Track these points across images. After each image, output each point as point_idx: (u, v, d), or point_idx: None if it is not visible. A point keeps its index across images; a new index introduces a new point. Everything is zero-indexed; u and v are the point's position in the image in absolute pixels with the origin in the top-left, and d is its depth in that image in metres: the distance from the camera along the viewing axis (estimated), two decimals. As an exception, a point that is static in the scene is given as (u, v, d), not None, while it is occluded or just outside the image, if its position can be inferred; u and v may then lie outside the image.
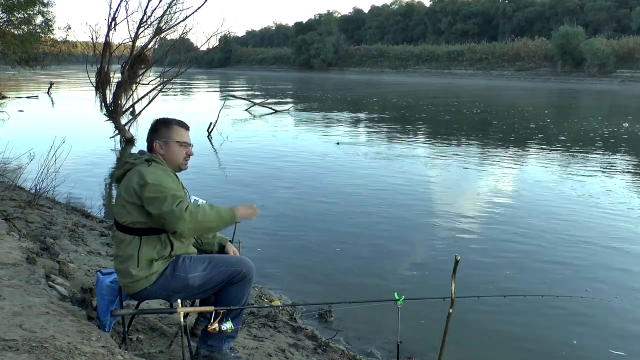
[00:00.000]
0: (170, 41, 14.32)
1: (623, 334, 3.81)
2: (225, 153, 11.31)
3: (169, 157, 2.56)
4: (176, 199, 2.32)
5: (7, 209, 5.08)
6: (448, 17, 72.19)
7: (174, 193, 2.34)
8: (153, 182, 2.35)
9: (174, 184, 2.43)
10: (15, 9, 14.55)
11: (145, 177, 2.36)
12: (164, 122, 2.62)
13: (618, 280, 4.71)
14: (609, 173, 9.32)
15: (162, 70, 13.17)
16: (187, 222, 2.28)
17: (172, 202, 2.30)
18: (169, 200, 2.31)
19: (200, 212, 2.32)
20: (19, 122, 15.52)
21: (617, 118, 18.99)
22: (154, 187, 2.34)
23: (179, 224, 2.28)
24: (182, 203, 2.32)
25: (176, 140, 2.56)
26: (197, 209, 2.33)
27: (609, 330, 3.84)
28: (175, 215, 2.27)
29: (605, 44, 49.15)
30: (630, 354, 3.54)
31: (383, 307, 2.89)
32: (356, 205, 7.07)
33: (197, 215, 2.30)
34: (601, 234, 5.91)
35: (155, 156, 2.53)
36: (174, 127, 2.59)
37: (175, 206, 2.28)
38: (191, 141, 2.66)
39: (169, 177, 2.45)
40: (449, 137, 14.17)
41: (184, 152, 2.59)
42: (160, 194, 2.33)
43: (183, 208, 2.28)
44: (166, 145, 2.55)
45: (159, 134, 2.57)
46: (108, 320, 2.60)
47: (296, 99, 28.01)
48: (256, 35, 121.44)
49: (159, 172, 2.43)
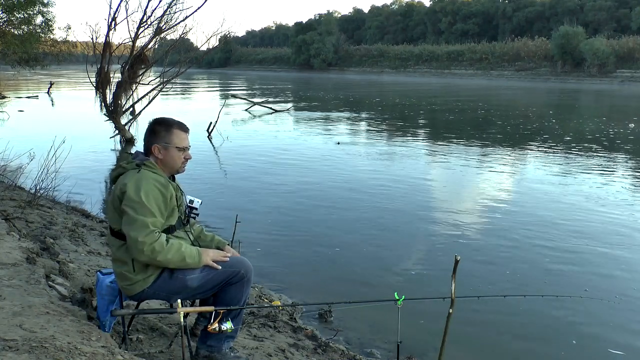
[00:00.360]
0: (170, 41, 14.33)
1: (623, 333, 3.80)
2: (225, 153, 11.32)
3: (168, 161, 2.49)
4: (146, 229, 2.27)
5: (7, 209, 5.08)
6: (448, 17, 72.16)
7: (148, 220, 2.28)
8: (134, 197, 2.29)
9: (157, 203, 2.34)
10: (15, 9, 14.54)
11: (128, 187, 2.31)
12: (163, 123, 2.51)
13: (618, 280, 4.71)
14: (611, 174, 9.32)
15: (162, 70, 13.17)
16: (144, 256, 2.29)
17: (141, 231, 2.26)
18: (137, 226, 2.27)
19: (163, 253, 2.29)
20: (19, 122, 15.52)
21: (622, 118, 18.96)
22: (132, 203, 2.29)
23: (136, 255, 2.31)
24: (150, 236, 2.27)
25: (176, 146, 2.48)
26: (162, 249, 2.29)
27: (609, 330, 3.84)
28: (136, 246, 2.27)
29: (605, 44, 49.13)
30: (629, 353, 3.54)
31: (383, 307, 2.89)
32: (356, 205, 7.07)
33: (157, 255, 2.29)
34: (601, 234, 5.91)
35: (147, 160, 2.46)
36: (174, 130, 2.49)
37: (141, 236, 2.26)
38: (190, 143, 2.58)
39: (155, 190, 2.35)
40: (449, 137, 14.17)
41: (182, 157, 2.52)
42: (135, 213, 2.27)
43: (147, 242, 2.26)
44: (165, 150, 2.47)
45: (158, 137, 2.48)
46: (108, 320, 2.60)
47: (296, 99, 28.02)
48: (256, 35, 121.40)
49: (148, 182, 2.34)
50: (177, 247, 2.35)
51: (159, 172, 2.45)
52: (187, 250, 2.38)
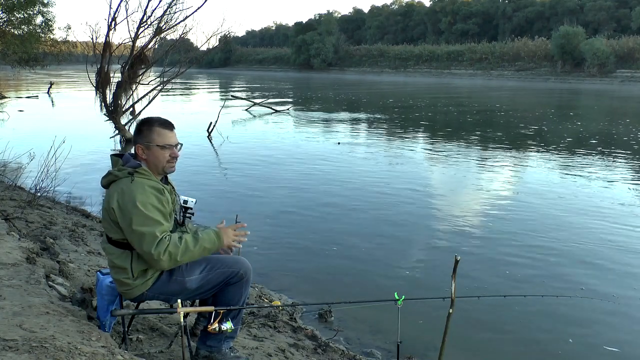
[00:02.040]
0: (170, 41, 14.33)
1: (622, 332, 3.81)
2: (225, 153, 11.32)
3: (152, 161, 2.41)
4: (155, 239, 2.24)
5: (7, 209, 5.08)
6: (448, 17, 72.14)
7: (154, 230, 2.24)
8: (133, 210, 2.24)
9: (157, 209, 2.30)
10: (15, 9, 14.55)
11: (125, 201, 2.26)
12: (146, 123, 2.44)
13: (618, 279, 4.71)
14: (611, 174, 9.31)
15: (162, 70, 13.17)
16: (164, 264, 2.28)
17: (152, 243, 2.23)
18: (147, 240, 2.24)
19: (180, 252, 2.27)
20: (19, 122, 15.52)
21: (622, 118, 18.95)
22: (134, 217, 2.24)
23: (157, 265, 2.30)
24: (161, 244, 2.24)
25: (157, 144, 2.39)
26: (177, 249, 2.26)
27: (609, 330, 3.84)
28: (153, 259, 2.25)
29: (605, 44, 49.11)
30: (625, 351, 3.54)
31: (383, 307, 2.89)
32: (356, 205, 7.07)
33: (177, 256, 2.27)
34: (602, 234, 5.91)
35: (139, 166, 2.38)
36: (155, 129, 2.41)
37: (154, 249, 2.23)
38: (178, 140, 2.48)
39: (152, 198, 2.30)
40: (449, 137, 14.17)
41: (167, 155, 2.41)
42: (140, 226, 2.23)
43: (162, 251, 2.23)
44: (148, 150, 2.40)
45: (140, 136, 2.41)
46: (108, 320, 2.59)
47: (296, 99, 28.01)
48: (256, 35, 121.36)
49: (144, 192, 2.28)
50: (193, 241, 2.32)
51: (152, 178, 2.38)
52: (204, 239, 2.35)
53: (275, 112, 19.94)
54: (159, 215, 2.30)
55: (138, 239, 2.25)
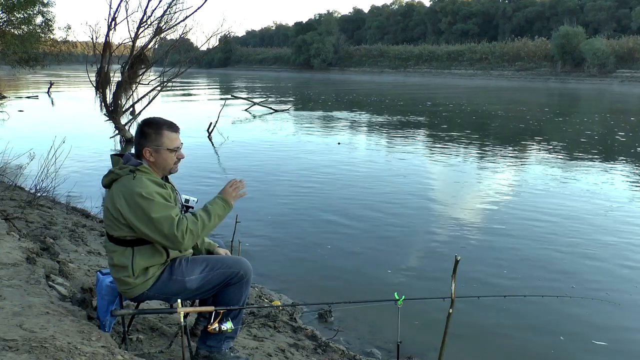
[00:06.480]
0: (170, 41, 14.33)
1: (623, 332, 3.81)
2: (226, 153, 11.32)
3: (160, 163, 2.44)
4: (172, 221, 2.25)
5: (7, 209, 5.08)
6: (448, 17, 72.16)
7: (167, 214, 2.26)
8: (143, 201, 2.25)
9: (162, 195, 2.32)
10: (15, 9, 14.56)
11: (134, 196, 2.26)
12: (152, 125, 2.43)
13: (619, 280, 4.71)
14: (611, 173, 9.31)
15: (162, 70, 13.17)
16: (188, 242, 2.30)
17: (172, 225, 2.25)
18: (167, 223, 2.25)
19: (200, 226, 2.31)
20: (19, 122, 15.52)
21: (622, 118, 18.94)
22: (146, 207, 2.25)
23: (181, 246, 2.31)
24: (181, 223, 2.27)
25: (167, 147, 2.42)
26: (196, 225, 2.30)
27: (609, 330, 3.84)
28: (177, 240, 2.27)
29: (605, 44, 49.14)
30: (619, 349, 3.55)
31: (383, 307, 2.89)
32: (357, 205, 7.07)
33: (198, 231, 2.31)
34: (602, 234, 5.90)
35: (140, 164, 2.40)
36: (164, 132, 2.42)
37: (177, 229, 2.25)
38: (182, 141, 2.52)
39: (155, 187, 2.34)
40: (449, 137, 14.16)
41: (174, 157, 2.47)
42: (154, 213, 2.24)
43: (184, 229, 2.26)
44: (157, 153, 2.41)
45: (148, 139, 2.41)
46: (108, 320, 2.60)
47: (296, 99, 28.01)
48: (256, 35, 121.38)
49: (148, 185, 2.31)
50: (206, 213, 2.37)
51: (153, 175, 2.41)
52: (214, 209, 2.41)
53: (275, 112, 19.94)
54: (165, 204, 2.33)
55: (156, 226, 2.26)
